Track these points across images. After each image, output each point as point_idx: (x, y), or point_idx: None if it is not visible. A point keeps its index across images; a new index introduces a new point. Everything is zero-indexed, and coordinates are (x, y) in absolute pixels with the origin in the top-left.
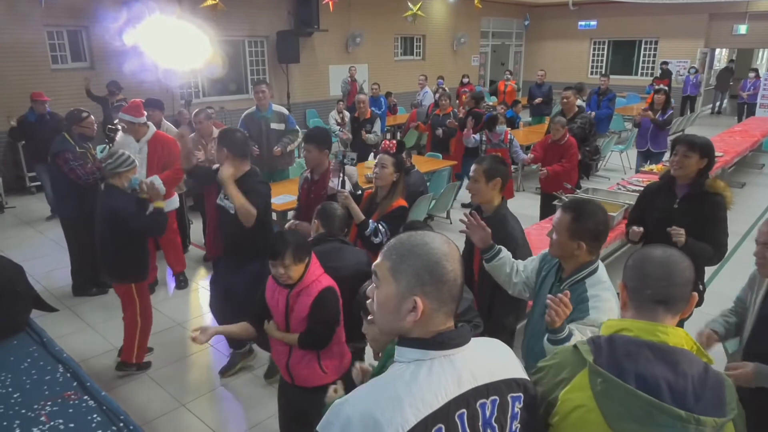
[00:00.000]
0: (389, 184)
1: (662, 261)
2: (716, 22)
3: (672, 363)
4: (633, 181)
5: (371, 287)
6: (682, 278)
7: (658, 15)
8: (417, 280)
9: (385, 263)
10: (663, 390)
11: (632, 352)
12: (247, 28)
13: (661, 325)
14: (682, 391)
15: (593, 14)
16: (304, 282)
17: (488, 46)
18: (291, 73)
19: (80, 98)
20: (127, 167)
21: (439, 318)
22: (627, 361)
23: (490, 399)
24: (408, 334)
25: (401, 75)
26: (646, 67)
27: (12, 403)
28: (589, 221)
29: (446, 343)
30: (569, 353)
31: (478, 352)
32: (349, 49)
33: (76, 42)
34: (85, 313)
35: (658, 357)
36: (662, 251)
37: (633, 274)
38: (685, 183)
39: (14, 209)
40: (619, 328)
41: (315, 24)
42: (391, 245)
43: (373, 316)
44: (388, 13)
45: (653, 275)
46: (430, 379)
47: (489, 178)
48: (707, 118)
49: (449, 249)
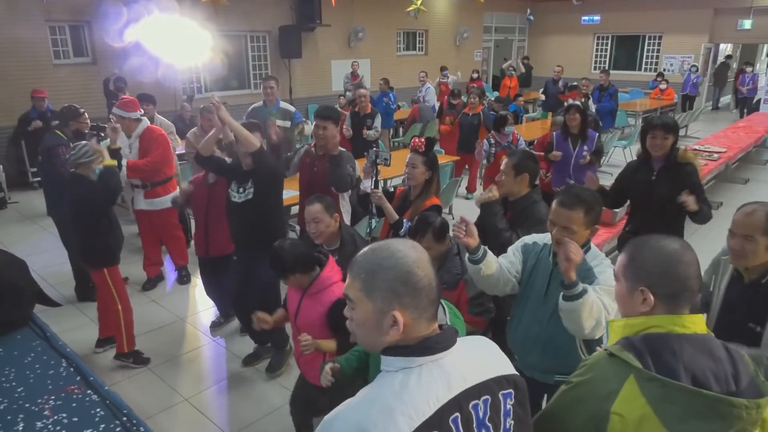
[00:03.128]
0: (422, 183)
1: (688, 259)
2: (721, 17)
3: (708, 351)
4: None
5: (347, 309)
6: (698, 267)
7: (662, 10)
8: (392, 295)
9: (355, 284)
10: (711, 381)
11: (675, 348)
12: (249, 23)
13: (687, 316)
14: (725, 378)
15: (597, 9)
16: (316, 286)
17: (491, 41)
18: (293, 69)
19: (82, 93)
20: (88, 158)
21: (422, 324)
22: (674, 359)
23: (482, 399)
24: (393, 344)
25: (404, 70)
26: (650, 62)
27: (16, 397)
28: (597, 207)
29: (433, 348)
30: (606, 363)
31: (465, 352)
32: (351, 44)
33: (78, 37)
34: (88, 307)
35: (697, 348)
36: (678, 246)
37: (664, 280)
38: (660, 157)
39: (17, 204)
40: (646, 326)
41: (317, 19)
42: (358, 263)
43: (354, 337)
44: (391, 8)
45: (686, 274)
46: (420, 386)
47: (518, 172)
48: (710, 114)
49: (417, 254)
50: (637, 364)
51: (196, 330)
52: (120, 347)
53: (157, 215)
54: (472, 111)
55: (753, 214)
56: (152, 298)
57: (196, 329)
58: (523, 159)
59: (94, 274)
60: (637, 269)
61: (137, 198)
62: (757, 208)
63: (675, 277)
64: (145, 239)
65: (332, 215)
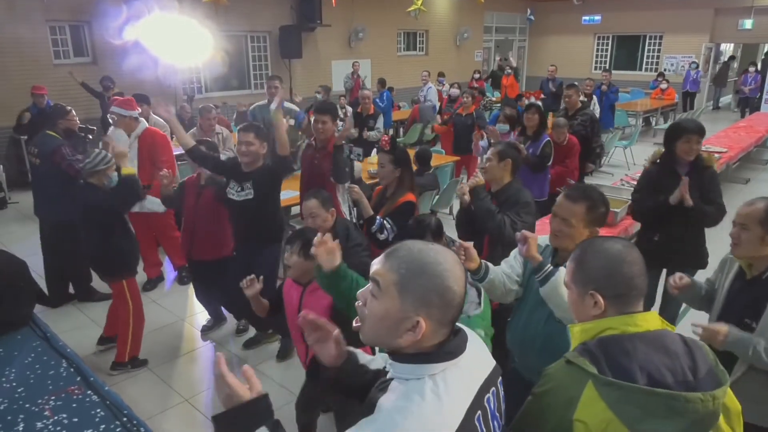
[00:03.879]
0: (394, 180)
1: (631, 258)
2: (721, 17)
3: (663, 347)
4: (637, 177)
5: (364, 292)
6: (643, 266)
7: (662, 10)
8: (424, 301)
9: (391, 275)
10: (667, 377)
11: (629, 349)
12: (250, 23)
13: (639, 314)
14: (681, 372)
15: (597, 9)
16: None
17: (491, 41)
18: (294, 69)
19: (83, 93)
20: (105, 165)
21: (437, 336)
22: (627, 360)
23: (491, 391)
24: (400, 350)
25: (404, 70)
26: (651, 62)
27: (16, 397)
28: (602, 207)
29: (453, 352)
30: (564, 371)
31: (471, 350)
32: (351, 44)
33: (78, 37)
34: (88, 308)
35: (650, 346)
36: (621, 247)
37: (611, 282)
38: (687, 162)
39: (17, 204)
40: (600, 329)
41: (318, 19)
42: (401, 257)
43: (362, 323)
44: (391, 8)
45: (631, 273)
46: (449, 391)
47: (501, 158)
48: (711, 114)
49: (459, 270)
50: (593, 370)
51: (196, 330)
52: (120, 356)
53: (153, 216)
54: (465, 111)
55: (753, 204)
56: (152, 298)
57: (196, 329)
58: (506, 146)
59: (112, 285)
60: (584, 274)
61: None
62: (758, 200)
63: (621, 278)
64: (142, 241)
65: (328, 210)
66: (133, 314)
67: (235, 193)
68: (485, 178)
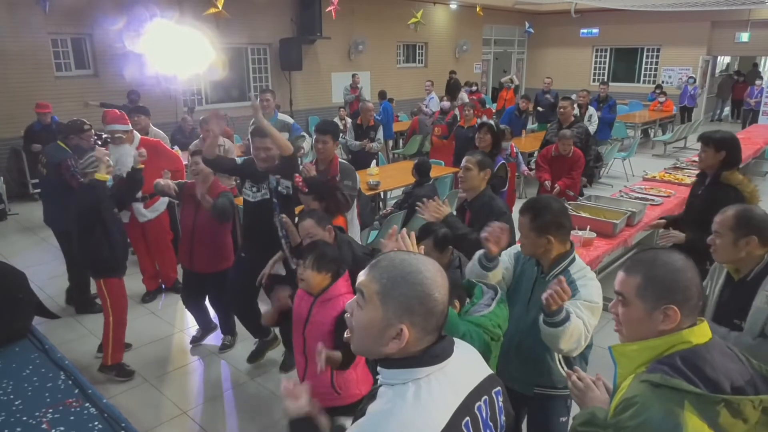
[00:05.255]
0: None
1: (693, 266)
2: (718, 30)
3: (727, 353)
4: (636, 189)
5: (351, 303)
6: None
7: (660, 23)
8: (406, 309)
9: (373, 285)
10: (742, 383)
11: (709, 360)
12: (250, 35)
13: (703, 324)
14: (750, 378)
15: (595, 22)
16: (328, 294)
17: (490, 53)
18: (294, 80)
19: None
20: (93, 168)
21: (422, 343)
22: (714, 372)
23: (483, 400)
24: (389, 356)
25: (404, 82)
26: (649, 74)
27: (13, 410)
28: (547, 214)
29: (439, 357)
30: (655, 396)
31: (459, 356)
32: (351, 57)
33: (80, 49)
34: (87, 319)
35: (722, 354)
36: (681, 257)
37: (688, 294)
38: (710, 173)
39: (17, 216)
40: (672, 344)
41: (318, 31)
42: (383, 267)
43: (350, 333)
44: (391, 21)
45: (699, 282)
46: (431, 396)
47: (481, 168)
48: (708, 125)
49: (441, 279)
50: (694, 389)
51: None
52: (105, 359)
53: (150, 225)
54: (466, 123)
55: (725, 212)
56: (151, 310)
57: None
58: (484, 157)
59: (96, 281)
60: (658, 289)
61: (138, 211)
62: (729, 208)
63: (696, 289)
64: (140, 252)
65: (325, 228)
66: (113, 316)
67: (251, 194)
68: (464, 187)
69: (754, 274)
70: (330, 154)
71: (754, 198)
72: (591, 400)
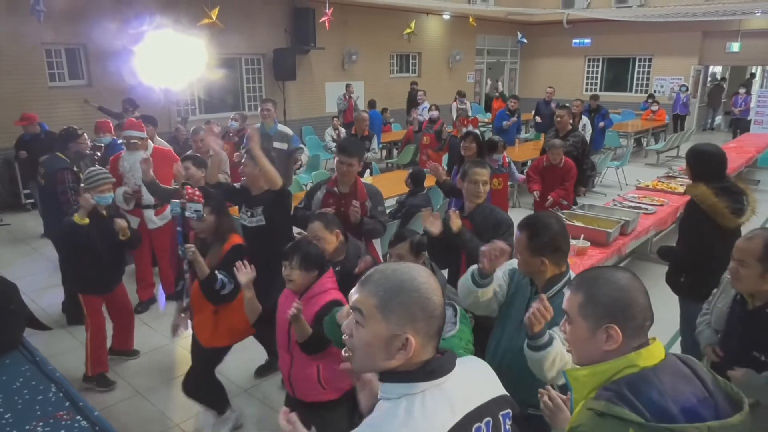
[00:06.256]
0: (212, 229)
1: (641, 286)
2: (709, 40)
3: (680, 373)
4: (629, 198)
5: (349, 324)
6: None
7: (651, 33)
8: (408, 317)
9: (370, 300)
10: (696, 404)
11: (657, 384)
12: (244, 45)
13: (653, 345)
14: (705, 398)
15: (587, 32)
16: (311, 291)
17: (483, 63)
18: (288, 91)
19: (78, 116)
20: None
21: (427, 351)
22: (662, 398)
23: (484, 421)
24: (392, 369)
25: (397, 92)
26: (641, 84)
27: (3, 423)
28: (545, 236)
29: (436, 372)
30: (599, 426)
31: (464, 374)
32: (345, 67)
33: (74, 59)
34: (78, 331)
35: (673, 376)
36: (628, 275)
37: (629, 313)
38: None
39: (9, 226)
40: (618, 368)
41: (311, 42)
42: (376, 280)
43: (351, 353)
44: (384, 31)
45: (646, 302)
46: (425, 412)
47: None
48: (700, 135)
49: (435, 282)
50: (637, 419)
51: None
52: (86, 370)
53: (158, 232)
54: (459, 133)
55: (752, 239)
56: (144, 321)
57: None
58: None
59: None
60: (598, 307)
61: (150, 218)
62: (757, 234)
63: (639, 308)
64: (140, 260)
65: (332, 231)
66: (91, 330)
67: (246, 218)
68: (475, 200)
69: None
70: (353, 177)
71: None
72: (561, 421)
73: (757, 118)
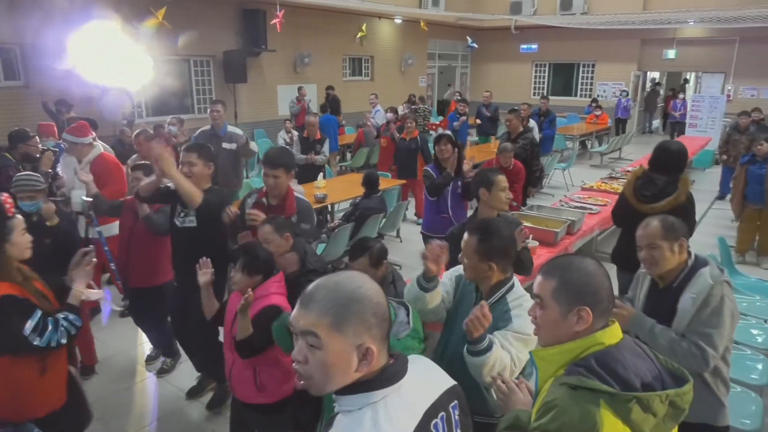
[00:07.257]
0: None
1: (604, 272)
2: (647, 47)
3: (637, 352)
4: (575, 198)
5: (300, 350)
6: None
7: (594, 40)
8: (365, 326)
9: (324, 320)
10: (651, 380)
11: (621, 360)
12: (193, 46)
13: (613, 326)
14: (657, 374)
15: (534, 38)
16: (255, 294)
17: (435, 67)
18: (239, 93)
19: (14, 117)
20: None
21: (383, 355)
22: (626, 371)
23: (440, 416)
24: (350, 382)
25: (350, 95)
26: (585, 88)
27: None
28: (496, 240)
29: (393, 378)
30: (572, 398)
31: (415, 373)
32: (297, 69)
33: (9, 60)
34: None
35: (632, 353)
36: (594, 262)
37: (598, 296)
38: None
39: None
40: (587, 346)
41: (263, 44)
42: (321, 298)
43: (309, 380)
44: (336, 34)
45: (610, 286)
46: (389, 419)
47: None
48: (640, 137)
49: (375, 284)
50: (608, 389)
51: (136, 364)
52: None
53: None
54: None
55: (648, 225)
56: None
57: (136, 363)
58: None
59: None
60: (572, 292)
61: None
62: (651, 220)
63: (605, 292)
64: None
65: (283, 235)
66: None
67: (179, 218)
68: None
69: (680, 280)
70: (282, 190)
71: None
72: (514, 403)
73: (692, 122)
